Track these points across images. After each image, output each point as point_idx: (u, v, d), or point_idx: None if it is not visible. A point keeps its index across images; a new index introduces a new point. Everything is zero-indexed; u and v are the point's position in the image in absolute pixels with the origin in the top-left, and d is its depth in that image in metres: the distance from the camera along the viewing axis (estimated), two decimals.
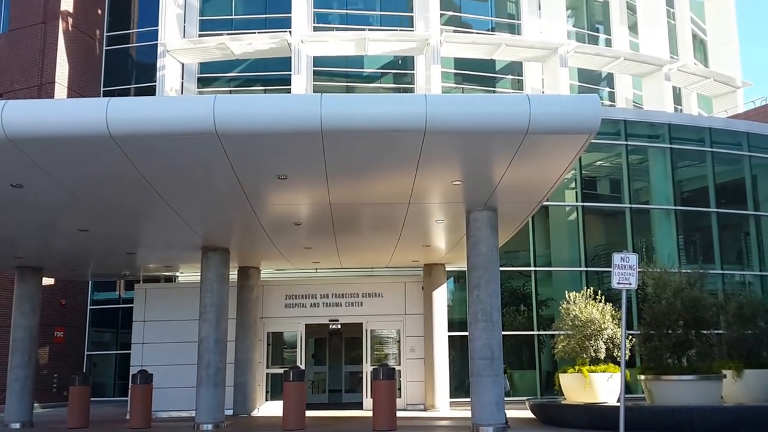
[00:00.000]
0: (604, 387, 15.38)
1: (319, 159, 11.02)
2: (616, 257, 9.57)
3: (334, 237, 16.00)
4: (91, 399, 25.05)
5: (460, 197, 13.38)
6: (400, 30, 27.30)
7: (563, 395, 16.26)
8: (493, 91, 28.69)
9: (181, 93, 26.12)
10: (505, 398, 13.95)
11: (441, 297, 20.37)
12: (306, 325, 20.46)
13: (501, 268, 17.99)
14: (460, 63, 28.42)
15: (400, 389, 20.10)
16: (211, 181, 12.04)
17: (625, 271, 9.48)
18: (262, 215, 14.04)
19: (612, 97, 31.52)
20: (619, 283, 9.51)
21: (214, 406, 15.84)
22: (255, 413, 19.56)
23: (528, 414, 16.54)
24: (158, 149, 10.61)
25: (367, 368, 19.75)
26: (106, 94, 28.43)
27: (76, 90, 27.40)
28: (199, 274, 16.80)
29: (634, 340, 16.27)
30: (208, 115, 9.96)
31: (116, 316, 25.48)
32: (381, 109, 10.55)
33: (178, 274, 21.15)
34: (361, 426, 15.44)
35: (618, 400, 9.59)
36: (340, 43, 26.23)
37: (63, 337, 26.02)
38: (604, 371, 15.45)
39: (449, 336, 20.62)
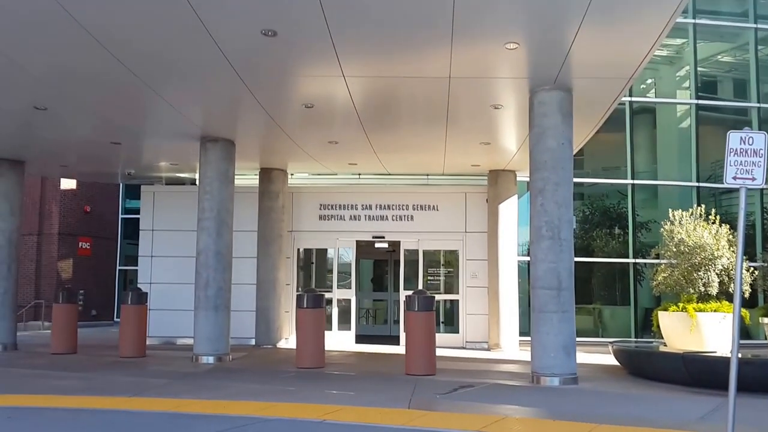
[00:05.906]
0: (714, 331, 13.16)
1: (317, 11, 8.46)
2: (733, 138, 6.36)
3: (362, 127, 13.48)
4: None
5: (521, 70, 10.65)
6: None
7: (662, 339, 14.21)
8: None
9: None
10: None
11: (510, 212, 17.79)
12: (356, 241, 18.60)
13: (590, 180, 15.16)
14: None
15: (457, 324, 18.18)
16: (181, 42, 9.57)
17: (746, 158, 6.27)
18: (258, 91, 11.54)
19: None
20: (735, 178, 6.30)
21: (215, 335, 13.89)
22: (282, 344, 17.61)
23: (612, 361, 14.16)
24: None
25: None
26: None
27: None
28: None
29: (756, 272, 14.58)
30: None
31: None
32: None
33: (196, 175, 18.99)
34: (394, 367, 13.21)
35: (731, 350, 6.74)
36: None
37: (90, 248, 24.82)
38: (715, 311, 13.31)
39: (523, 262, 18.07)
